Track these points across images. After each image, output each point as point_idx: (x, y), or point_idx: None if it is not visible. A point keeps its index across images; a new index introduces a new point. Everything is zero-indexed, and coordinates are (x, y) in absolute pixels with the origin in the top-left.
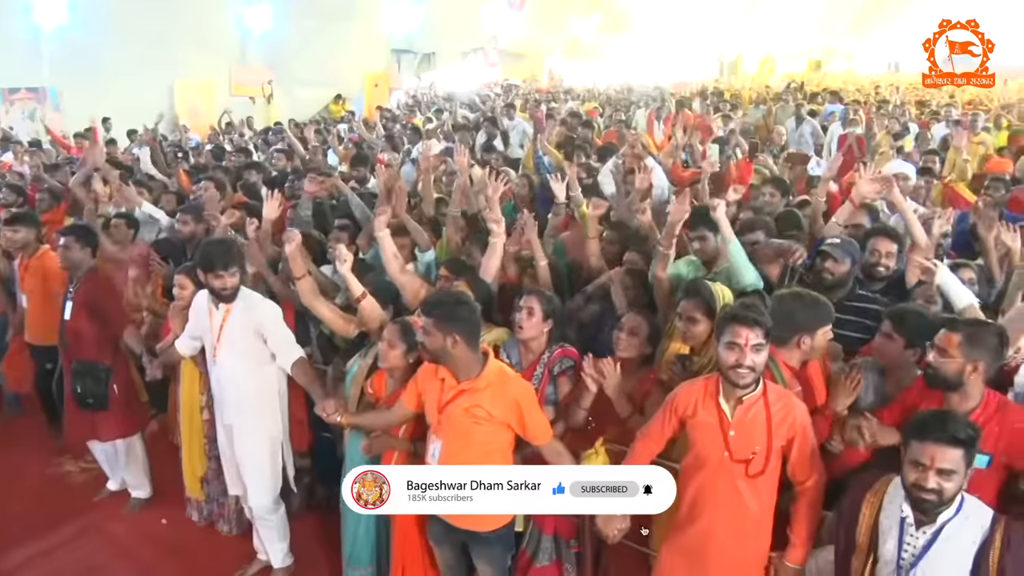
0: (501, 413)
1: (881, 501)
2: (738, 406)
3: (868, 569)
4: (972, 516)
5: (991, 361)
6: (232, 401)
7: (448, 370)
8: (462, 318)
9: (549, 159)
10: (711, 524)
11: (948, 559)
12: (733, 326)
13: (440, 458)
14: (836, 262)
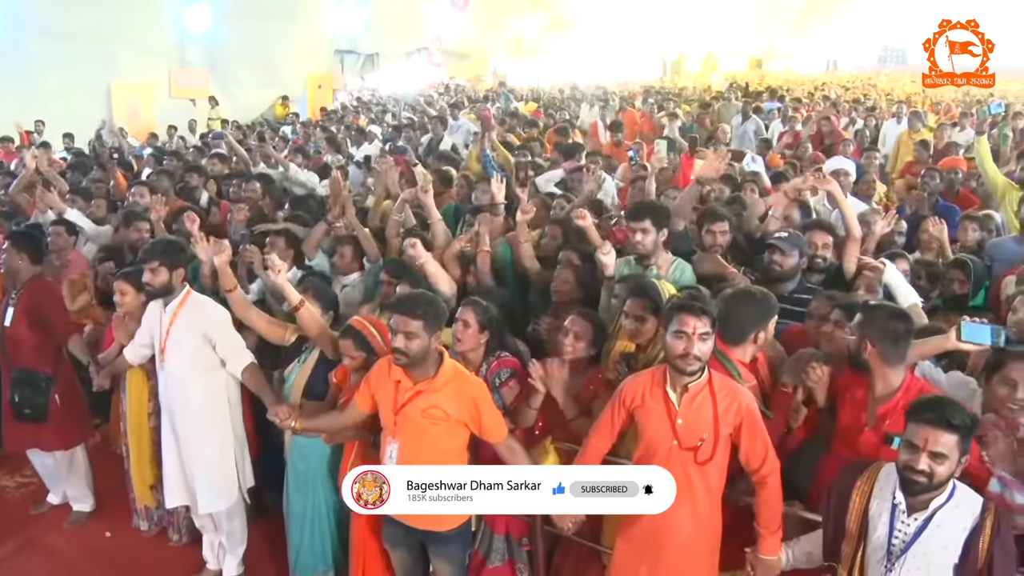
0: (458, 412)
1: (872, 488)
2: (684, 394)
3: (858, 555)
4: (963, 503)
5: (887, 343)
6: (180, 407)
7: (403, 371)
8: (441, 315)
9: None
10: (663, 512)
11: (939, 545)
12: (681, 315)
13: (398, 459)
14: (784, 255)
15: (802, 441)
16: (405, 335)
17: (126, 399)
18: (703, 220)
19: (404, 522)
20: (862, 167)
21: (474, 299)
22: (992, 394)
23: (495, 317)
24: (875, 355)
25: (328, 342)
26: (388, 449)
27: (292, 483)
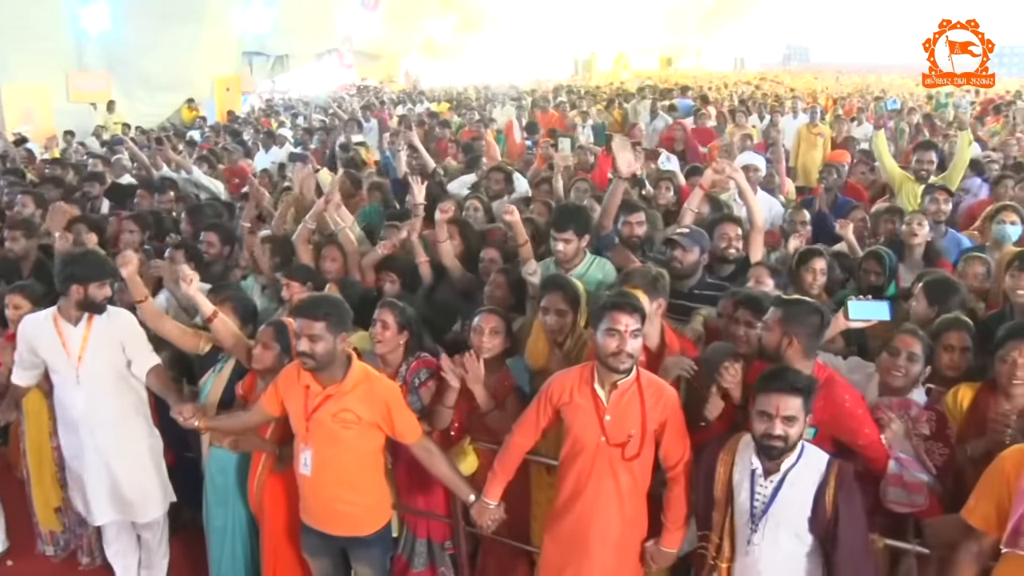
0: (369, 415)
1: (733, 458)
2: (613, 391)
3: (727, 521)
4: (811, 462)
5: (807, 337)
6: (103, 419)
7: (312, 376)
8: (348, 318)
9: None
10: (590, 509)
11: (793, 502)
12: (613, 313)
13: (312, 467)
14: (685, 251)
15: (720, 435)
16: (309, 338)
17: (24, 421)
18: (620, 211)
19: (322, 530)
20: (768, 160)
21: (391, 300)
22: (882, 365)
23: (413, 317)
24: (797, 350)
25: (244, 352)
26: (302, 456)
27: (211, 496)
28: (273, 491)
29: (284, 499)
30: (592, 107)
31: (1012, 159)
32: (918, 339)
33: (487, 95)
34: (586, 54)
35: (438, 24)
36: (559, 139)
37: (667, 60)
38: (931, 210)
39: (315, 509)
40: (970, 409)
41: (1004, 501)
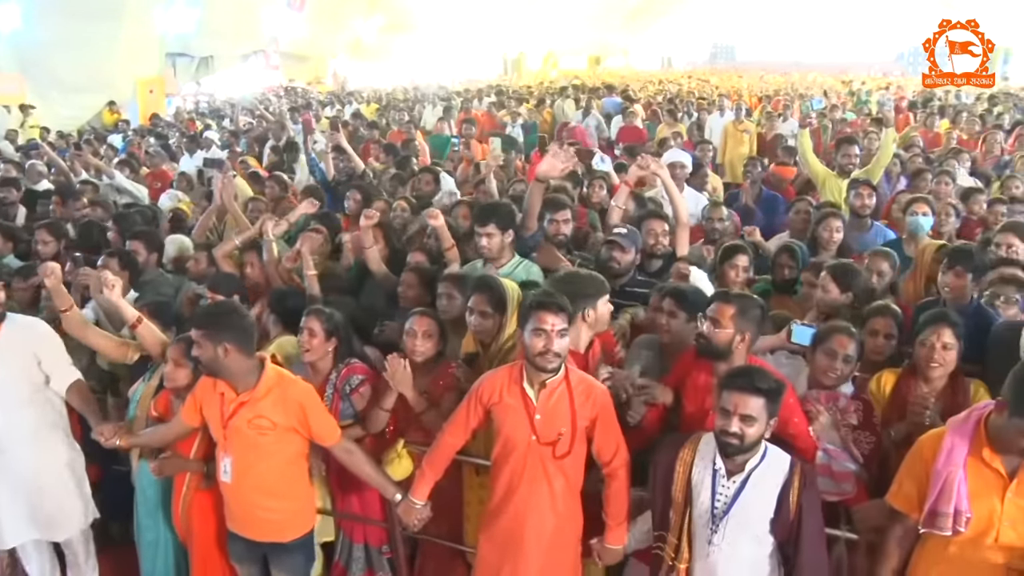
0: (285, 419)
1: (693, 457)
2: (542, 390)
3: (685, 521)
4: (774, 463)
5: (756, 332)
6: (20, 435)
7: (226, 383)
8: (231, 326)
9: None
10: (524, 508)
11: (756, 502)
12: (539, 313)
13: (232, 474)
14: (623, 251)
15: (658, 432)
16: (196, 344)
17: None
18: (545, 210)
19: (245, 536)
20: (697, 159)
21: (317, 307)
22: (816, 364)
23: (341, 323)
24: (745, 345)
25: None
26: (222, 464)
27: (142, 509)
28: (201, 507)
29: (213, 513)
30: (521, 107)
31: (920, 151)
32: (854, 339)
33: (416, 96)
34: (515, 54)
35: (365, 25)
36: (490, 140)
37: (595, 59)
38: (856, 204)
39: (238, 515)
40: (892, 393)
41: (923, 483)
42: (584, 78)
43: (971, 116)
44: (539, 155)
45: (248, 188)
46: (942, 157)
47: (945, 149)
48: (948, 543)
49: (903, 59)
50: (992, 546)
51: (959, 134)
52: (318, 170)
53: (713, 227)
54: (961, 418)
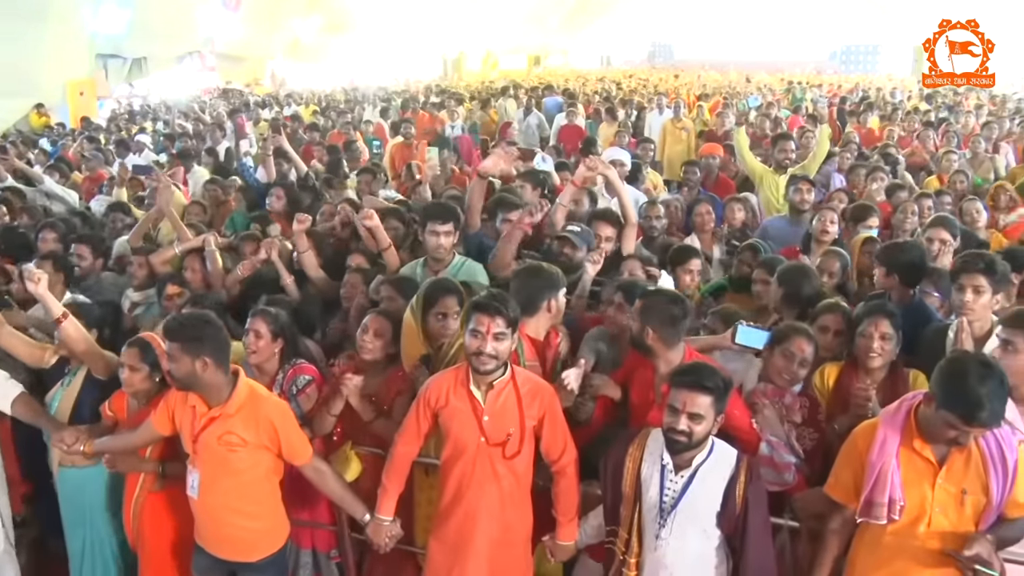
0: (256, 437)
1: (642, 453)
2: (489, 391)
3: (635, 516)
4: (721, 458)
5: (666, 328)
6: None
7: (199, 396)
8: (209, 338)
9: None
10: (474, 509)
11: (704, 496)
12: (477, 314)
13: (199, 490)
14: (575, 248)
15: (603, 425)
16: (169, 357)
17: None
18: (498, 209)
19: (213, 553)
20: (637, 157)
21: (263, 308)
22: (772, 364)
23: (287, 324)
24: (656, 339)
25: (97, 359)
26: (190, 479)
27: (67, 518)
28: (154, 510)
29: (168, 517)
30: (460, 107)
31: (857, 150)
32: (812, 343)
33: (356, 97)
34: (454, 54)
35: (303, 25)
36: (427, 149)
37: (535, 59)
38: (796, 199)
39: (206, 531)
40: (835, 386)
41: (859, 474)
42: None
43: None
44: (480, 157)
45: (183, 197)
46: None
47: (883, 146)
48: (884, 530)
49: (835, 57)
50: (925, 532)
51: (897, 131)
52: (249, 175)
53: (651, 224)
54: (892, 409)
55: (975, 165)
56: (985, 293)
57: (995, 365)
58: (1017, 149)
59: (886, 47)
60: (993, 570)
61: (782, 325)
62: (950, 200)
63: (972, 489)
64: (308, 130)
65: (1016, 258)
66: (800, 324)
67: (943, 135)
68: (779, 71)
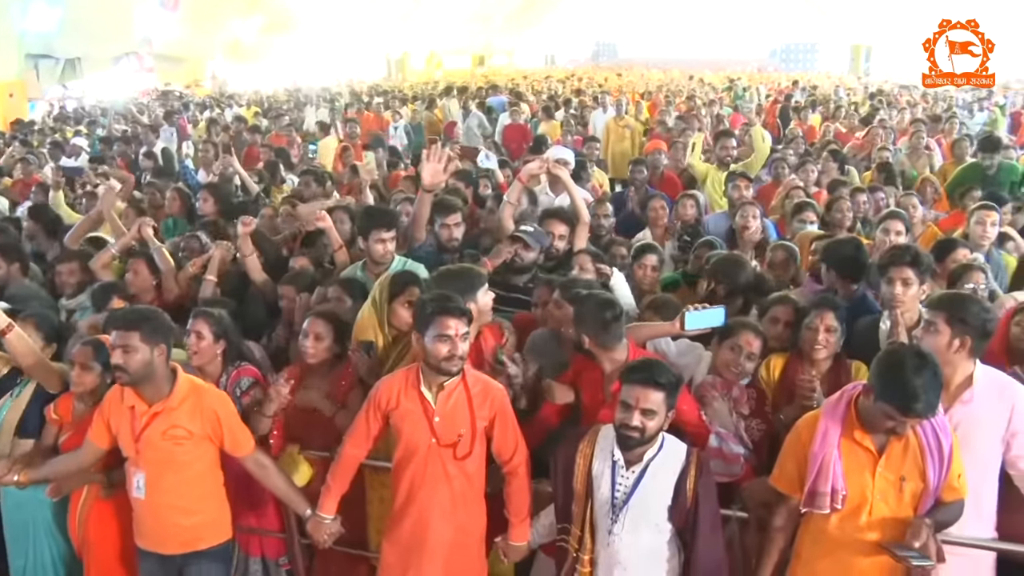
0: (201, 428)
1: (593, 450)
2: (440, 392)
3: (587, 512)
4: (671, 453)
5: (599, 332)
6: None
7: (136, 394)
8: (166, 327)
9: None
10: (427, 510)
11: (655, 491)
12: (443, 318)
13: (146, 490)
14: (528, 248)
15: (557, 424)
16: (123, 349)
17: None
18: (435, 214)
19: (159, 551)
20: (583, 155)
21: (204, 309)
22: (721, 357)
23: (230, 325)
24: (593, 344)
25: (47, 373)
26: (135, 480)
27: (9, 536)
28: (100, 519)
29: (115, 526)
30: (404, 107)
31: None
32: (760, 337)
33: (299, 98)
34: (398, 54)
35: (244, 25)
36: (364, 154)
37: (479, 59)
38: (734, 196)
39: (152, 531)
40: (781, 378)
41: (802, 465)
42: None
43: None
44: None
45: (119, 202)
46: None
47: (822, 142)
48: (828, 519)
49: (776, 56)
50: (867, 520)
51: (838, 127)
52: (191, 177)
53: (599, 223)
54: (834, 400)
55: (913, 160)
56: (913, 285)
57: (930, 357)
58: (944, 146)
59: (823, 46)
60: (928, 559)
61: (730, 320)
62: (883, 195)
63: (910, 476)
64: (250, 132)
65: (944, 248)
66: (747, 319)
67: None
68: (721, 69)
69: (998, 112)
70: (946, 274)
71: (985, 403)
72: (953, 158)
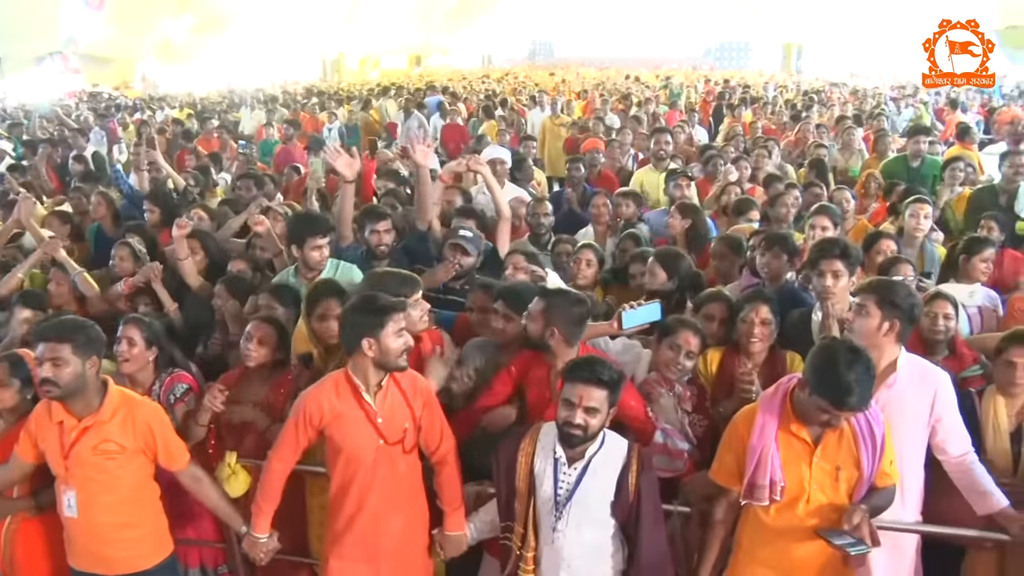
0: (134, 441)
1: (534, 448)
2: (378, 392)
3: (530, 510)
4: (613, 448)
5: (571, 327)
6: None
7: (65, 409)
8: (97, 338)
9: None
10: (378, 514)
11: (597, 487)
12: (398, 315)
13: (79, 508)
14: (466, 254)
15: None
16: (53, 362)
17: None
18: (365, 221)
19: (96, 573)
20: (520, 155)
21: (136, 316)
22: (660, 356)
23: (161, 332)
24: (559, 339)
25: None
26: (65, 498)
27: None
28: (27, 537)
29: (43, 546)
30: (340, 108)
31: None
32: (699, 336)
33: (232, 99)
34: (334, 54)
35: (174, 25)
36: (310, 161)
37: (416, 58)
38: (676, 195)
39: (87, 551)
40: (718, 371)
41: (741, 458)
42: (404, 77)
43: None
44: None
45: (41, 208)
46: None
47: (752, 137)
48: (767, 510)
49: (710, 54)
50: (804, 509)
51: (764, 123)
52: (123, 181)
53: (539, 222)
54: (770, 394)
55: (845, 156)
56: (843, 276)
57: (863, 351)
58: (868, 142)
59: (756, 44)
60: (864, 544)
61: (669, 319)
62: (818, 191)
63: (845, 465)
64: (185, 137)
65: (871, 241)
66: (686, 317)
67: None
68: (657, 68)
69: (923, 109)
70: (873, 266)
71: (909, 388)
72: (876, 153)
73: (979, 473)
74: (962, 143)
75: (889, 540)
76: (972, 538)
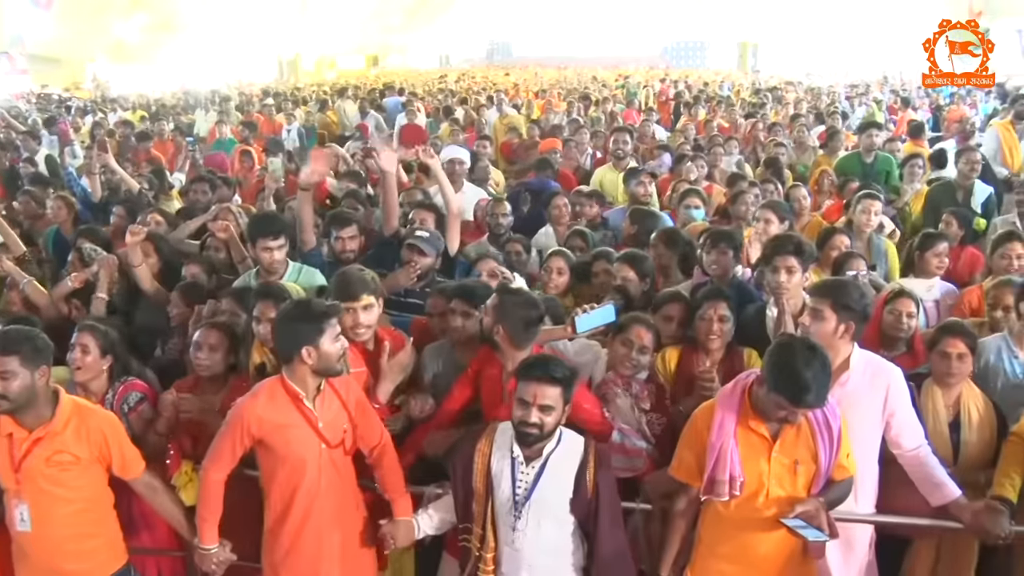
0: (88, 451)
1: (491, 448)
2: (317, 397)
3: (488, 510)
4: (570, 445)
5: (519, 328)
6: None
7: (14, 421)
8: (45, 347)
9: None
10: (323, 519)
11: (555, 485)
12: (334, 320)
13: (32, 523)
14: (423, 255)
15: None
16: (0, 376)
17: None
18: (331, 227)
19: None
20: (477, 155)
21: (90, 323)
22: (614, 352)
23: (116, 340)
24: (505, 338)
25: None
26: (17, 512)
27: None
28: None
29: None
30: (298, 109)
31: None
32: (652, 331)
33: (187, 101)
34: (290, 55)
35: (126, 25)
36: (269, 160)
37: (373, 59)
38: (639, 192)
39: (41, 566)
40: (677, 369)
41: (700, 454)
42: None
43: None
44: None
45: None
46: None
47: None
48: (727, 504)
49: (668, 53)
50: (763, 503)
51: (720, 122)
52: (77, 186)
53: (497, 223)
54: (728, 390)
55: (799, 153)
56: (797, 272)
57: (819, 349)
58: (820, 137)
59: (712, 43)
60: (822, 532)
61: (622, 317)
62: (773, 188)
63: (803, 459)
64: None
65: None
66: (638, 313)
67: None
68: (615, 67)
69: (875, 107)
70: (828, 262)
71: (862, 384)
72: (827, 149)
73: (933, 465)
74: (914, 140)
75: (845, 534)
76: (925, 528)
